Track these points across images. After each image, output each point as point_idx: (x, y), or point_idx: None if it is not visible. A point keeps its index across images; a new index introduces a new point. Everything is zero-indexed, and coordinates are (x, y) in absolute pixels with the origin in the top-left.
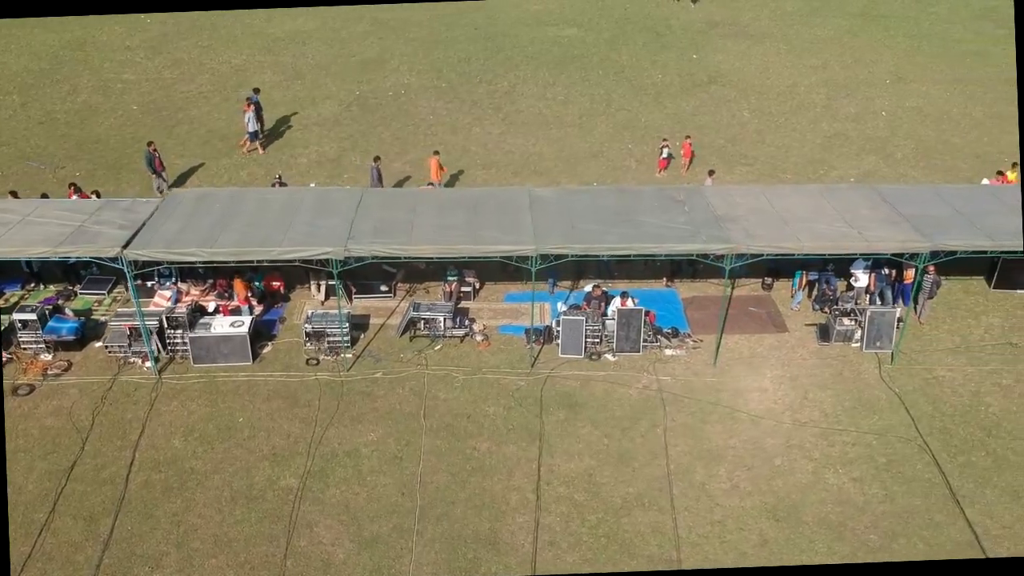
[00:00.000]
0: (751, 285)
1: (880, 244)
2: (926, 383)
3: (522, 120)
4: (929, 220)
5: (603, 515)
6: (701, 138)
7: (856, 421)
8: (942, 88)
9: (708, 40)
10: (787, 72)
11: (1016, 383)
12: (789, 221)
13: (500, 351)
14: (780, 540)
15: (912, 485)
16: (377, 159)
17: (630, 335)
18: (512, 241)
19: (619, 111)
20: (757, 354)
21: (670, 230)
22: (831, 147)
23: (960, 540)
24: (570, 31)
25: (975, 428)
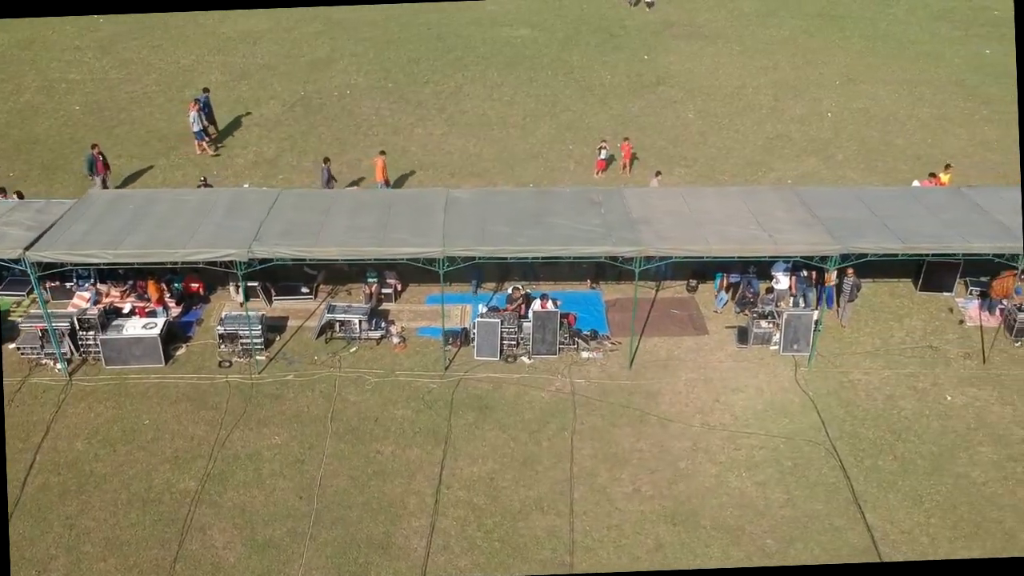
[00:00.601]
0: (676, 287)
1: (789, 247)
2: (841, 386)
3: (465, 121)
4: (844, 223)
5: (500, 519)
6: (643, 139)
7: (766, 424)
8: (892, 89)
9: (661, 41)
10: (737, 73)
11: (932, 386)
12: (703, 223)
13: (416, 353)
14: (675, 544)
15: (815, 489)
16: (327, 160)
17: (546, 337)
18: (420, 243)
19: (564, 112)
20: (674, 356)
21: (582, 232)
22: (772, 149)
23: (858, 545)
24: (523, 31)
25: (885, 432)
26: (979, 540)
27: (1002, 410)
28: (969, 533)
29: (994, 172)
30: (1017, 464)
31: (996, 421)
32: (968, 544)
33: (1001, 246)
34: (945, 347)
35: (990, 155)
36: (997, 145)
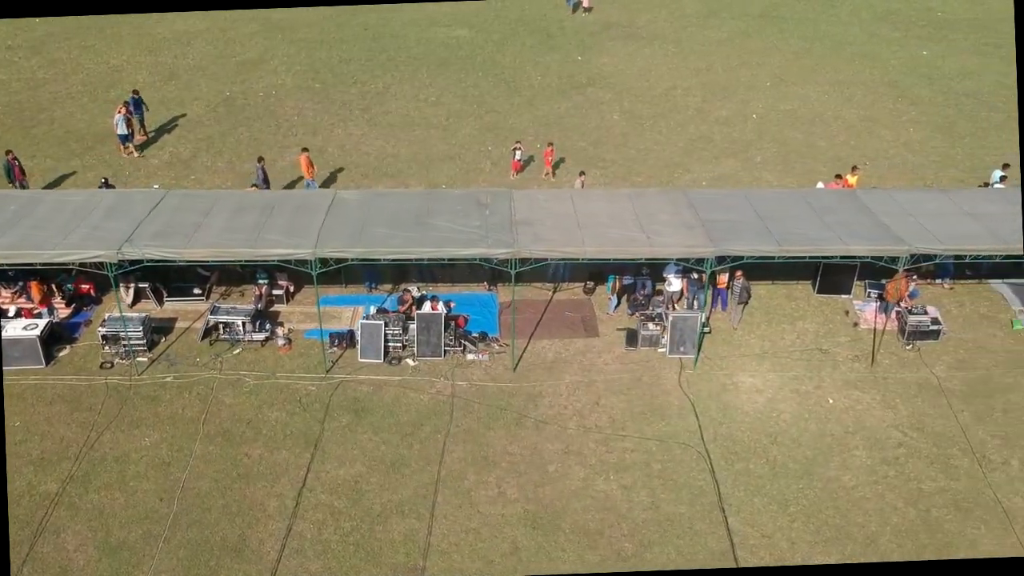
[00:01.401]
0: (574, 289)
1: (665, 249)
2: (723, 388)
3: (388, 121)
4: (726, 225)
5: (359, 522)
6: (565, 140)
7: (642, 427)
8: (822, 90)
9: (598, 42)
10: (669, 75)
11: (815, 389)
12: (585, 226)
13: (301, 355)
14: (531, 548)
15: (681, 492)
16: (261, 159)
17: (431, 339)
18: (293, 245)
19: (488, 113)
20: (561, 359)
21: (460, 234)
22: (693, 150)
23: (716, 549)
24: (461, 32)
25: (761, 435)
26: (839, 544)
27: (883, 413)
28: (830, 538)
29: (912, 174)
30: (890, 468)
31: (875, 424)
32: (827, 548)
33: (878, 248)
34: (835, 350)
35: (911, 156)
36: (919, 147)
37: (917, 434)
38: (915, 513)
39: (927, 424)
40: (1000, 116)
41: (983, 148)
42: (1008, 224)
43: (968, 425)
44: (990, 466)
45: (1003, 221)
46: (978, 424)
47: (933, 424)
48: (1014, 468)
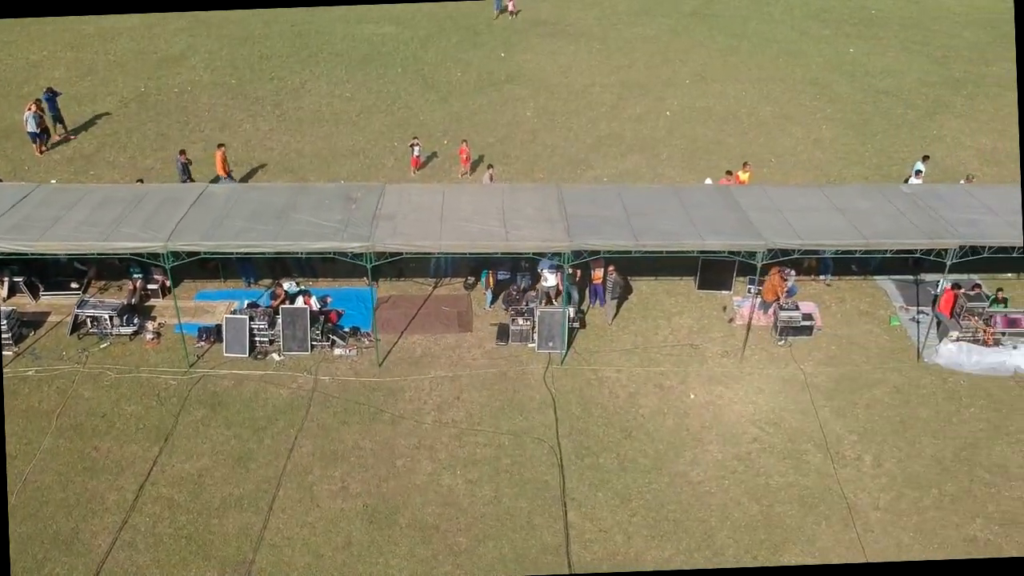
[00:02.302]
0: (456, 284)
1: (520, 243)
2: (587, 384)
3: (298, 117)
4: (590, 220)
5: (195, 516)
6: (473, 136)
7: (498, 422)
8: (741, 88)
9: (523, 39)
10: (589, 71)
11: (679, 384)
12: (448, 220)
13: (169, 350)
14: (364, 543)
15: (526, 487)
16: (183, 152)
17: (296, 334)
18: (146, 239)
19: (401, 109)
20: (430, 354)
21: (318, 228)
22: (600, 147)
23: (550, 543)
24: (387, 28)
25: (617, 430)
26: (675, 539)
27: (743, 408)
28: (667, 532)
29: (817, 171)
30: (740, 463)
31: (733, 420)
32: (661, 543)
33: (735, 244)
34: (706, 345)
35: (819, 154)
36: (829, 144)
37: (774, 429)
38: (758, 508)
39: (786, 420)
40: (916, 114)
41: (893, 145)
42: (877, 220)
43: (827, 421)
44: (842, 462)
45: (871, 217)
46: (838, 420)
47: (792, 420)
48: (866, 464)
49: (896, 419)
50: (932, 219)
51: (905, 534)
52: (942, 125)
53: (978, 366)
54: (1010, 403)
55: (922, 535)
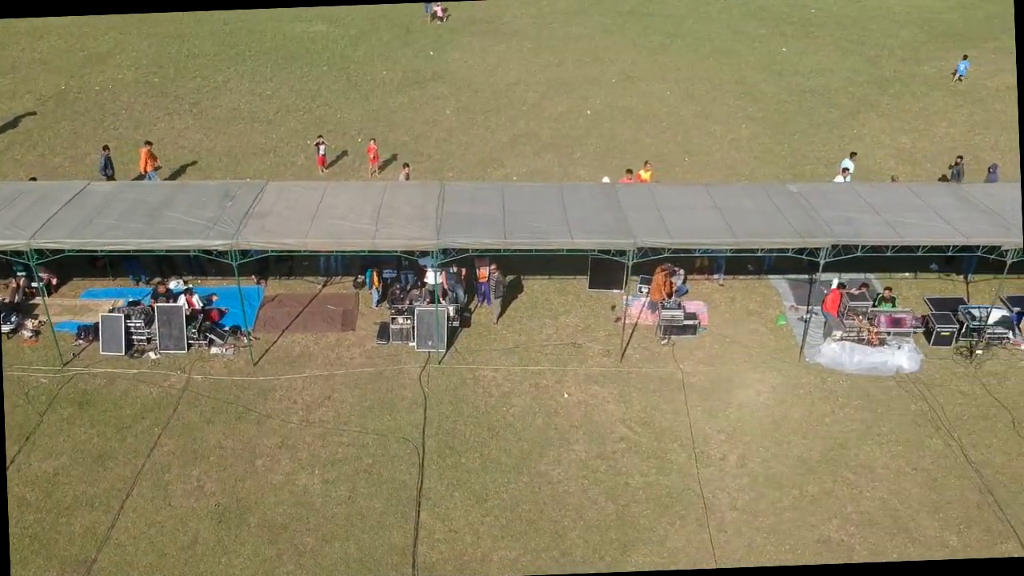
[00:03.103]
0: (347, 282)
1: (387, 242)
2: (463, 383)
3: (215, 115)
4: (465, 218)
5: (44, 515)
6: (388, 134)
7: (366, 421)
8: (667, 87)
9: (455, 38)
10: (516, 70)
11: (555, 383)
12: (320, 218)
13: (46, 348)
14: (210, 542)
15: (383, 487)
16: (106, 148)
17: (173, 332)
18: (11, 236)
19: (320, 107)
20: (308, 353)
21: (188, 225)
22: (515, 145)
23: (397, 544)
24: (320, 27)
25: (484, 429)
26: (525, 539)
27: (615, 408)
28: (517, 532)
29: (728, 170)
30: (603, 463)
31: (603, 419)
32: (510, 543)
33: (605, 242)
34: (590, 345)
35: (735, 153)
36: (746, 143)
37: (643, 429)
38: (613, 508)
39: (656, 419)
40: (838, 113)
41: (811, 145)
42: (753, 219)
43: (697, 420)
44: (706, 462)
45: (748, 216)
46: (708, 419)
47: (662, 419)
48: (730, 464)
49: (768, 419)
50: (810, 218)
51: (759, 535)
52: (864, 124)
53: (860, 366)
54: (887, 403)
55: (776, 536)
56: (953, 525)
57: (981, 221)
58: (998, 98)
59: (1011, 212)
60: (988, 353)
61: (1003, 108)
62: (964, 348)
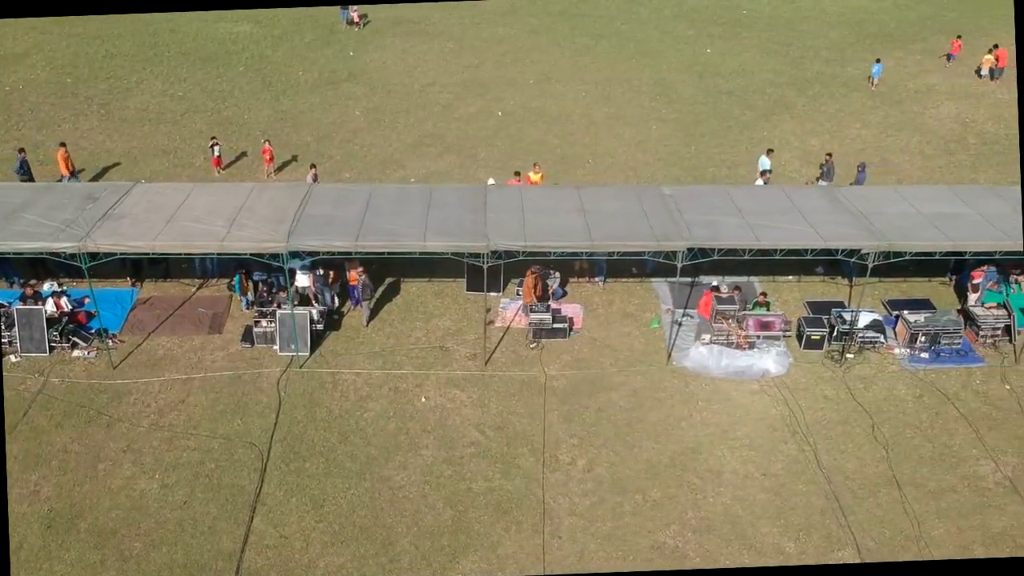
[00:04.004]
0: (223, 285)
1: (236, 244)
2: (321, 387)
3: (122, 116)
4: (322, 220)
5: None
6: (292, 135)
7: (216, 426)
8: (584, 88)
9: (378, 38)
10: (434, 71)
11: (415, 388)
12: (177, 220)
13: None
14: (35, 548)
15: (220, 492)
16: (22, 150)
17: (33, 335)
18: None
19: (230, 108)
20: (171, 356)
21: (40, 228)
22: (419, 147)
23: (224, 549)
24: (244, 27)
25: (335, 434)
26: (355, 545)
27: (471, 412)
28: (349, 538)
29: (630, 172)
30: (449, 468)
31: (457, 424)
32: (339, 549)
33: (459, 245)
34: (458, 348)
35: (640, 155)
36: (653, 145)
37: (495, 433)
38: (451, 514)
39: (511, 423)
40: (752, 115)
41: (719, 147)
42: (615, 222)
43: (552, 424)
44: (554, 466)
45: (611, 219)
46: (564, 423)
47: (517, 423)
48: (578, 468)
49: (624, 423)
50: (672, 221)
51: (593, 541)
52: (776, 126)
53: (726, 369)
54: (747, 407)
55: (610, 542)
56: (792, 531)
57: (846, 224)
58: (916, 100)
59: (879, 215)
60: (860, 357)
61: (920, 110)
62: (836, 352)
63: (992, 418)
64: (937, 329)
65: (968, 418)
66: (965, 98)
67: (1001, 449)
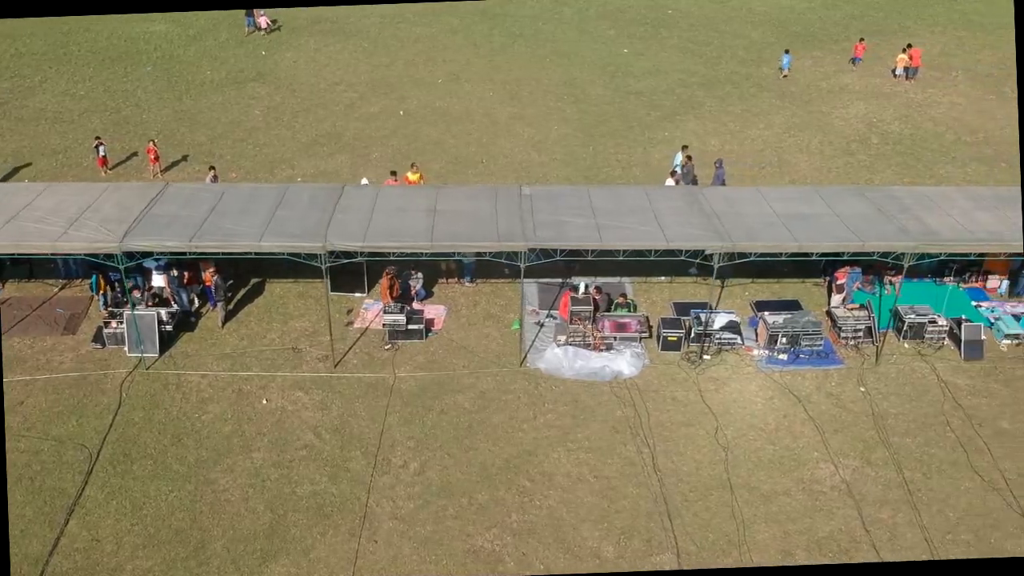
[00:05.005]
0: (86, 285)
1: (67, 244)
2: (164, 388)
3: (19, 116)
4: (163, 220)
5: None
6: (187, 135)
7: (51, 427)
8: (492, 88)
9: (294, 37)
10: (343, 70)
11: (259, 389)
12: (20, 219)
13: None
14: None
15: (40, 495)
16: None
17: None
18: None
19: (129, 107)
20: (19, 357)
21: None
22: (313, 146)
23: (31, 554)
24: (160, 27)
25: (168, 436)
26: (166, 549)
27: (312, 415)
28: (162, 541)
29: (522, 173)
30: (276, 471)
31: (294, 426)
32: (150, 553)
33: (296, 245)
34: (311, 349)
35: (535, 155)
36: (550, 146)
37: (332, 436)
38: (270, 517)
39: (350, 426)
40: (657, 115)
41: (617, 147)
42: (464, 222)
43: (392, 427)
44: (385, 469)
45: (460, 219)
46: (404, 426)
47: (356, 426)
48: (409, 472)
49: (465, 425)
50: (521, 221)
51: (409, 545)
52: (678, 127)
53: (580, 371)
54: (592, 409)
55: (426, 546)
56: (614, 534)
57: (696, 226)
58: (826, 100)
59: (735, 216)
60: (717, 359)
61: (828, 110)
62: (693, 353)
63: (840, 420)
64: (796, 330)
65: (816, 421)
66: (876, 98)
67: (844, 452)
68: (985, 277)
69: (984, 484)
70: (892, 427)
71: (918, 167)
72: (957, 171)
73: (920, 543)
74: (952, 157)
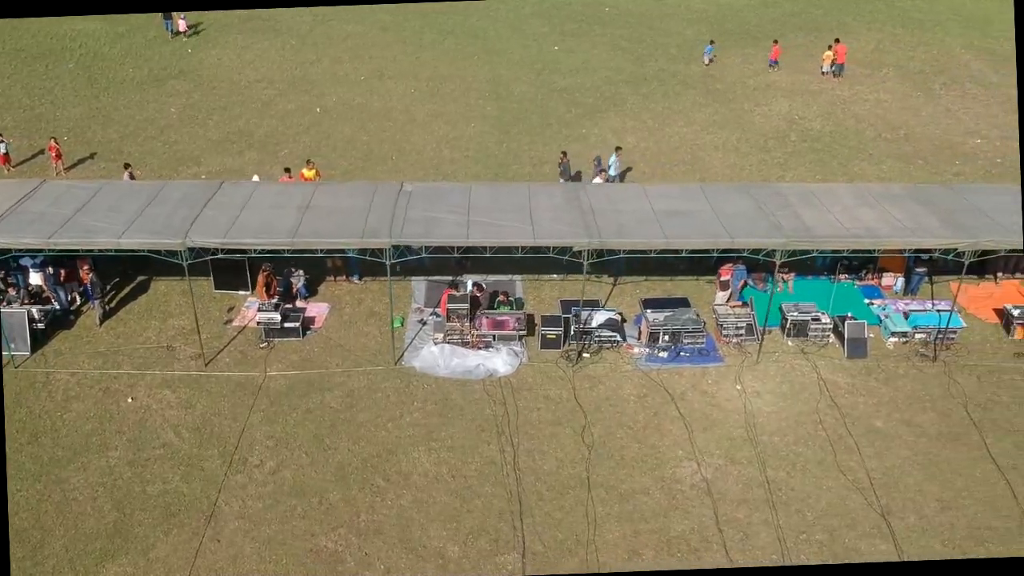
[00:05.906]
0: None
1: None
2: (31, 386)
3: None
4: (30, 217)
5: None
6: (99, 132)
7: None
8: (415, 85)
9: (224, 35)
10: (267, 67)
11: (126, 388)
12: None
13: None
14: None
15: None
16: None
17: None
18: None
19: (44, 105)
20: None
21: None
22: (223, 143)
23: None
24: (92, 24)
25: (26, 435)
26: None
27: (174, 413)
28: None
29: (432, 170)
30: (131, 470)
31: (155, 425)
32: None
33: (152, 242)
34: (186, 348)
35: (447, 152)
36: (465, 143)
37: (191, 435)
38: (115, 517)
39: (211, 425)
40: (577, 112)
41: (531, 144)
42: (333, 218)
43: (254, 426)
44: (240, 469)
45: (331, 215)
46: (266, 425)
47: (218, 424)
48: (264, 471)
49: (328, 424)
50: (392, 219)
51: (252, 545)
52: (597, 124)
53: (454, 369)
54: (461, 408)
55: (269, 546)
56: (462, 535)
57: (568, 223)
58: (751, 97)
59: (611, 213)
60: (597, 357)
61: (751, 107)
62: (572, 351)
63: (711, 419)
64: (677, 328)
65: (686, 419)
66: (801, 95)
67: (709, 451)
68: (880, 275)
69: (847, 483)
70: (762, 425)
71: (832, 164)
72: (872, 168)
73: (773, 543)
74: (869, 154)
